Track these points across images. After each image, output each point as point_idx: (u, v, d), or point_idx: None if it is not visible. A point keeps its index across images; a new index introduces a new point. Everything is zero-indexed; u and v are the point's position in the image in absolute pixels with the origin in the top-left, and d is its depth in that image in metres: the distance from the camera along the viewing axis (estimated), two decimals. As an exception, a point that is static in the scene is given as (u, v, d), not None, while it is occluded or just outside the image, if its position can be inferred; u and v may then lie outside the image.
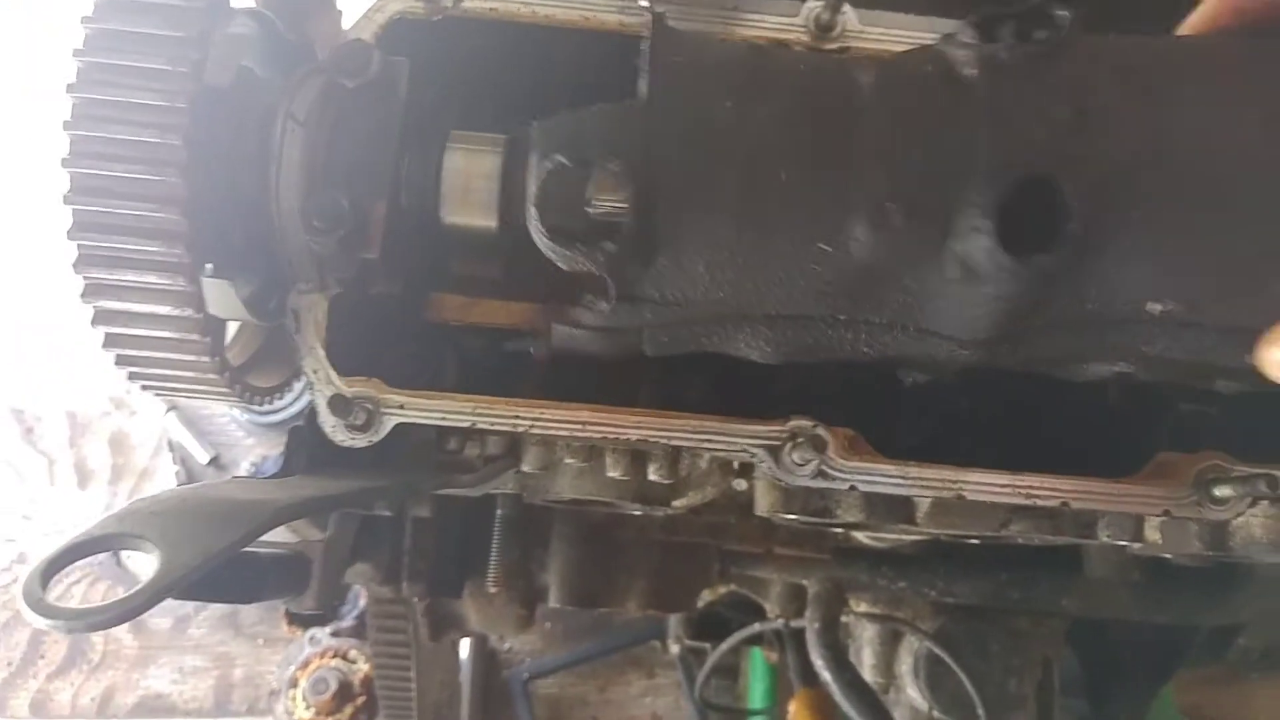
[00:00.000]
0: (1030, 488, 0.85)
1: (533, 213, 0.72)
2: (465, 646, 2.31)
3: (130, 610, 0.60)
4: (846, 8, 0.88)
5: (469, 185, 0.82)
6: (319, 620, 2.28)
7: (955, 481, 0.84)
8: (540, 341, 0.93)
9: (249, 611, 2.38)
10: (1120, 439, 0.95)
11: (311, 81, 0.80)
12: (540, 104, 0.99)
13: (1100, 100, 0.68)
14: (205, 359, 0.74)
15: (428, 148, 0.83)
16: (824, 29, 0.88)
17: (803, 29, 0.89)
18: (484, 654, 2.35)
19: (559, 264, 0.75)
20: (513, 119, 0.95)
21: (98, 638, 2.41)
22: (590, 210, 0.72)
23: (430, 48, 0.91)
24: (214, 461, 2.55)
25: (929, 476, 0.85)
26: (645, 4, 0.83)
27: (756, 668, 2.10)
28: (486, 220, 0.83)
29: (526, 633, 2.37)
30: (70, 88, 0.65)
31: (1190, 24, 0.78)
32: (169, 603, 0.62)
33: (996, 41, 0.68)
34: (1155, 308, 0.70)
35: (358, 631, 2.22)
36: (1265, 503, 0.92)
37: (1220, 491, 0.85)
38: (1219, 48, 0.75)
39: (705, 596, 1.76)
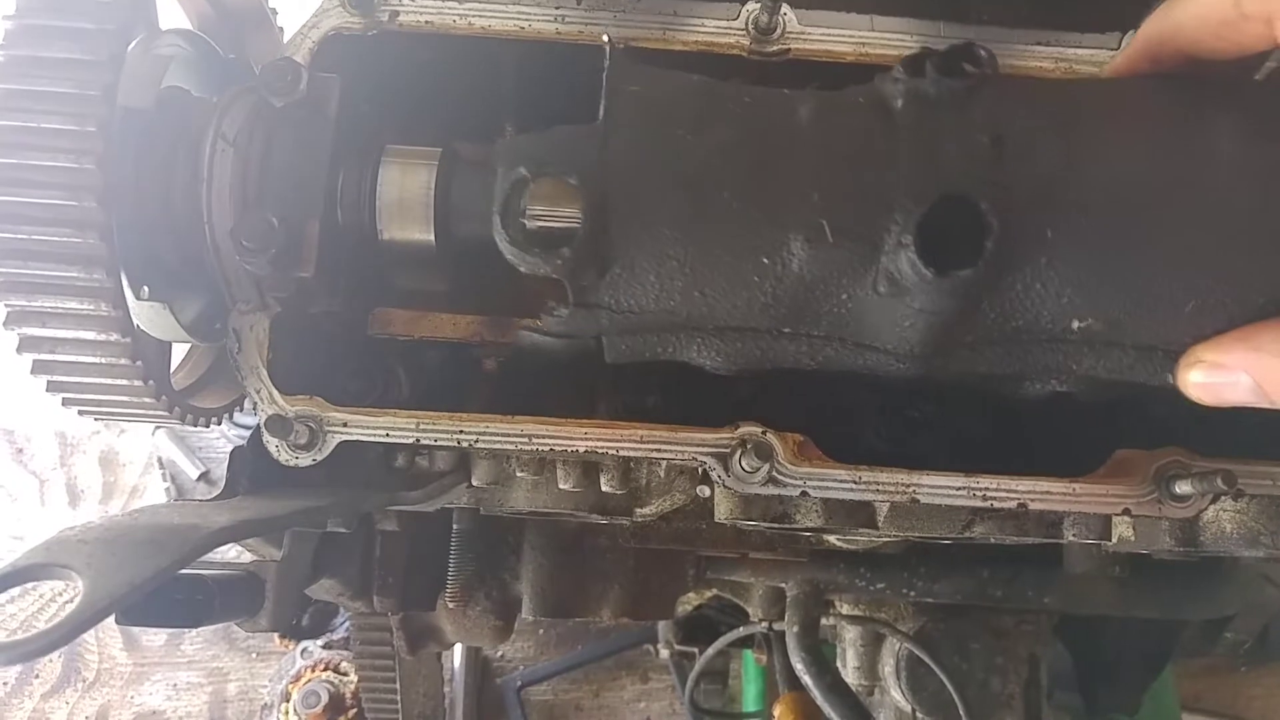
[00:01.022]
0: (986, 489, 0.84)
1: (496, 221, 0.76)
2: (458, 655, 2.30)
3: (52, 642, 0.59)
4: (785, 9, 0.87)
5: (404, 199, 0.81)
6: (311, 633, 2.28)
7: (908, 485, 0.83)
8: (489, 353, 0.93)
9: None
10: (1086, 435, 0.94)
11: (242, 101, 0.79)
12: (482, 116, 0.98)
13: (1016, 130, 0.73)
14: (138, 382, 0.73)
15: (363, 164, 0.82)
16: (763, 31, 0.87)
17: (741, 31, 0.88)
18: (477, 662, 2.34)
19: (519, 268, 0.77)
20: (455, 132, 0.94)
21: (92, 655, 2.41)
22: (533, 219, 0.76)
23: (368, 63, 0.90)
24: (204, 477, 2.54)
25: (882, 480, 0.83)
26: (606, 38, 0.85)
27: (748, 670, 2.09)
28: (424, 234, 0.82)
29: (517, 640, 2.36)
30: (-20, 116, 0.64)
31: (1111, 68, 0.86)
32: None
33: (923, 78, 0.73)
34: (1076, 325, 0.74)
35: (349, 643, 2.22)
36: (1233, 499, 0.91)
37: (1180, 488, 0.84)
38: (1128, 85, 0.81)
39: (691, 600, 1.76)
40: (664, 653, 2.07)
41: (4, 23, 0.66)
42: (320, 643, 2.23)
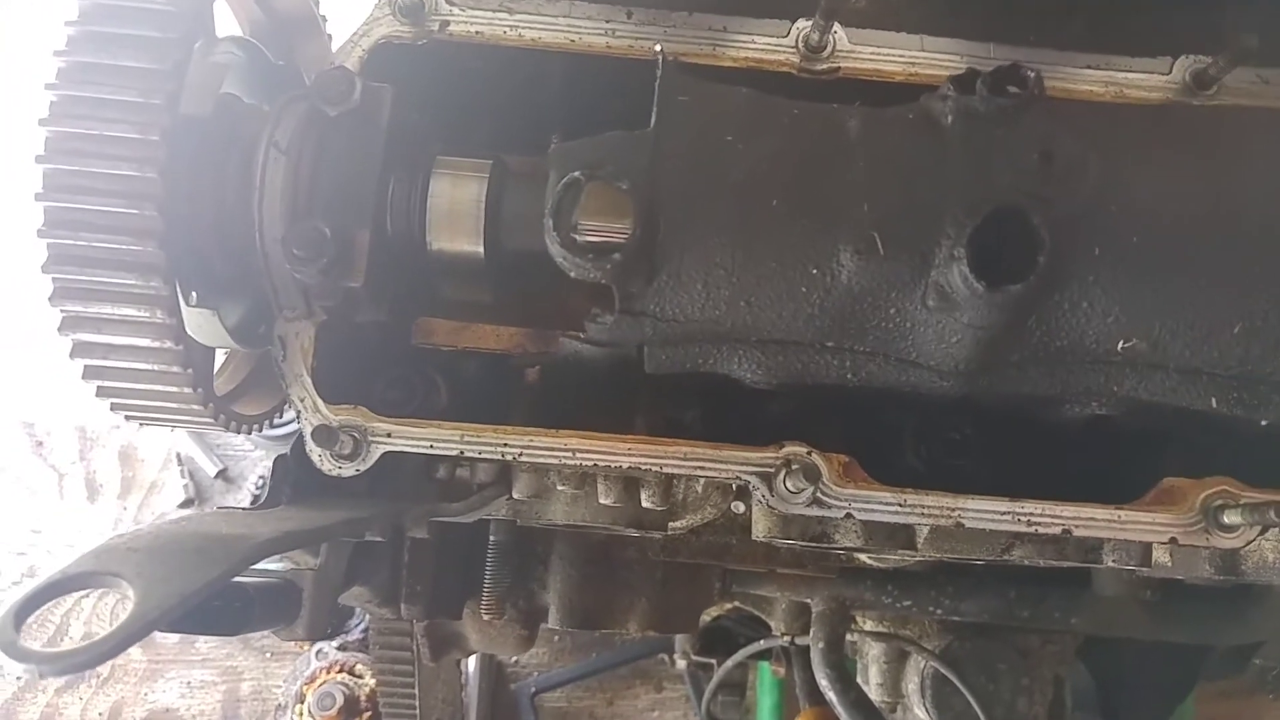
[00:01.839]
0: (1031, 515, 0.83)
1: (548, 223, 0.76)
2: (473, 661, 2.29)
3: (104, 653, 0.59)
4: (837, 27, 0.87)
5: (454, 210, 0.81)
6: (327, 635, 2.27)
7: (953, 509, 0.83)
8: (531, 363, 0.92)
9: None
10: (1128, 461, 0.93)
11: (295, 109, 0.79)
12: (529, 126, 0.98)
13: (1065, 148, 0.73)
14: (187, 389, 0.73)
15: (413, 174, 0.82)
16: (814, 50, 0.87)
17: (792, 49, 0.87)
18: (492, 668, 2.34)
19: (569, 272, 0.77)
20: (502, 142, 0.94)
21: (107, 651, 2.41)
22: (584, 234, 0.76)
23: (418, 72, 0.90)
24: (222, 474, 2.55)
25: (927, 504, 0.83)
26: (658, 49, 0.85)
27: (764, 682, 2.07)
28: (473, 245, 0.82)
29: (533, 645, 2.36)
30: (42, 121, 0.64)
31: None
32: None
33: (972, 95, 0.74)
34: (1120, 345, 0.74)
35: (365, 645, 2.21)
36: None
37: (1230, 519, 0.83)
38: (1175, 111, 0.82)
39: (711, 611, 1.75)
40: (681, 664, 2.06)
41: (66, 29, 0.66)
42: (335, 644, 2.23)
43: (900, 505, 0.82)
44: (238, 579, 0.85)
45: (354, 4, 0.94)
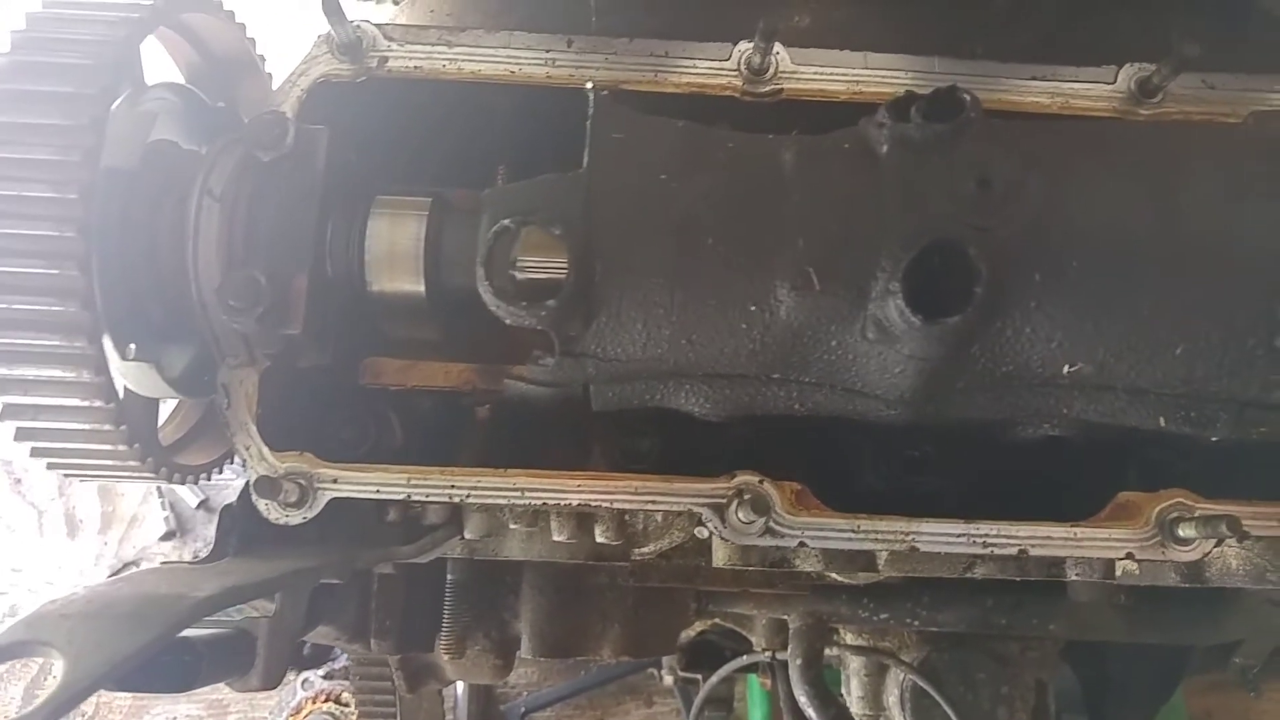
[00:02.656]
0: (986, 536, 0.83)
1: (480, 272, 0.75)
2: (461, 683, 2.28)
3: (35, 722, 0.58)
4: (779, 48, 0.86)
5: (394, 251, 0.81)
6: (312, 662, 2.26)
7: (907, 533, 0.82)
8: (481, 400, 0.91)
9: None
10: (1088, 474, 0.93)
11: (228, 155, 0.78)
12: (476, 160, 0.97)
13: (1003, 173, 0.72)
14: (122, 446, 0.72)
15: (352, 215, 0.81)
16: (756, 72, 0.86)
17: (734, 72, 0.87)
18: (481, 690, 2.32)
19: (504, 319, 0.76)
20: (449, 177, 0.93)
21: (92, 688, 2.39)
22: (523, 270, 0.76)
23: (358, 110, 0.89)
24: (203, 504, 2.53)
25: (881, 529, 0.82)
26: (589, 86, 0.84)
27: (754, 695, 2.07)
28: (414, 285, 0.81)
29: (521, 666, 2.34)
30: (-40, 184, 0.63)
31: None
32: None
33: (907, 122, 0.73)
34: (1066, 369, 0.74)
35: (350, 677, 2.20)
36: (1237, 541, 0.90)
37: (1184, 532, 0.82)
38: (1115, 129, 0.80)
39: (696, 626, 1.74)
40: (668, 678, 2.05)
41: (-16, 86, 0.65)
42: (321, 673, 2.21)
43: (854, 532, 0.81)
44: (185, 633, 0.84)
45: (296, 40, 0.93)
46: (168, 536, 2.49)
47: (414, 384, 0.90)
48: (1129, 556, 0.84)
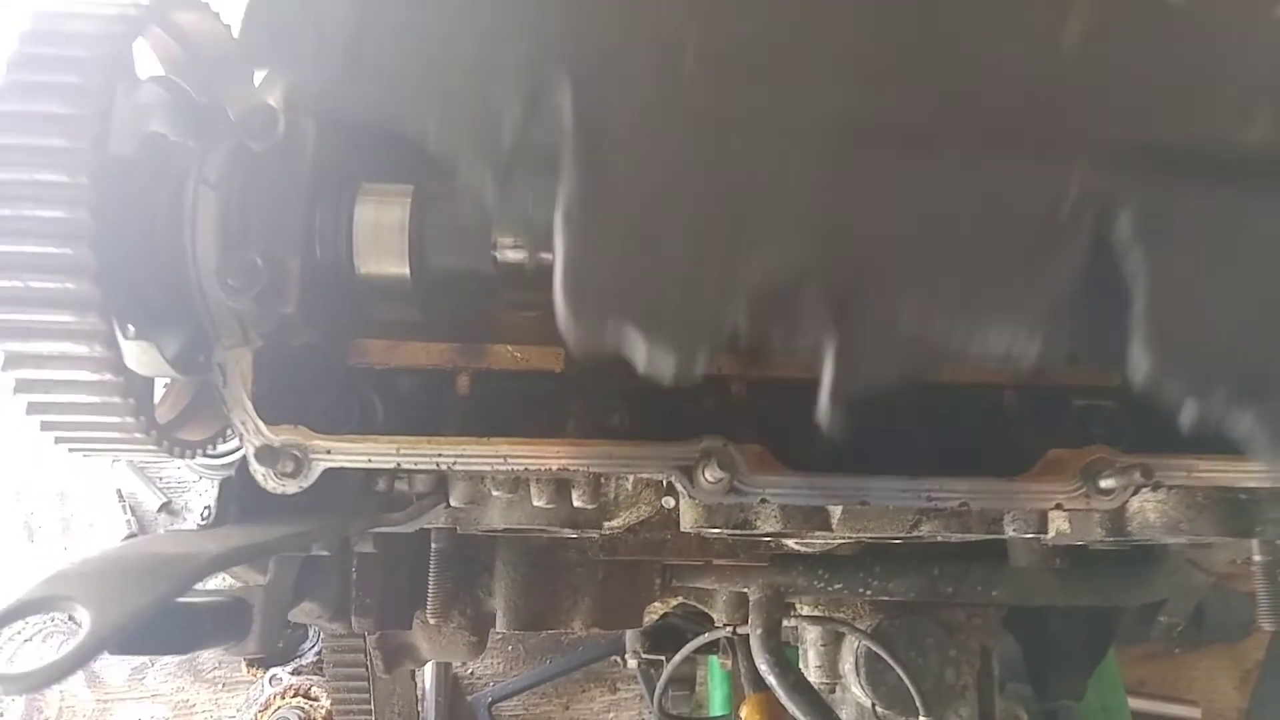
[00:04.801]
0: (930, 491, 0.91)
1: None
2: (428, 674, 2.32)
3: (61, 670, 0.62)
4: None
5: (379, 235, 0.86)
6: (280, 658, 2.28)
7: (859, 488, 0.90)
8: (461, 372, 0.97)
9: (207, 656, 2.36)
10: (1021, 437, 1.02)
11: (221, 145, 0.83)
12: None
13: None
14: (130, 419, 0.76)
15: (339, 201, 0.86)
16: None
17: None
18: (448, 680, 2.36)
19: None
20: (426, 168, 0.99)
21: (53, 694, 2.38)
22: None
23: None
24: (165, 507, 2.53)
25: (834, 485, 0.90)
26: None
27: (714, 675, 2.14)
28: (399, 268, 0.87)
29: (487, 656, 2.39)
30: (-27, 170, 0.67)
31: None
32: (123, 653, 0.64)
33: None
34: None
35: (319, 668, 2.22)
36: (1152, 490, 0.99)
37: (1105, 483, 0.91)
38: None
39: (658, 609, 1.81)
40: (632, 663, 2.11)
41: (-5, 80, 0.70)
42: (289, 669, 2.23)
43: (809, 488, 0.89)
44: (188, 599, 0.88)
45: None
46: (129, 539, 2.48)
47: (397, 363, 0.95)
48: (1058, 507, 0.92)
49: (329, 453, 0.86)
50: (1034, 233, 0.56)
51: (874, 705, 1.48)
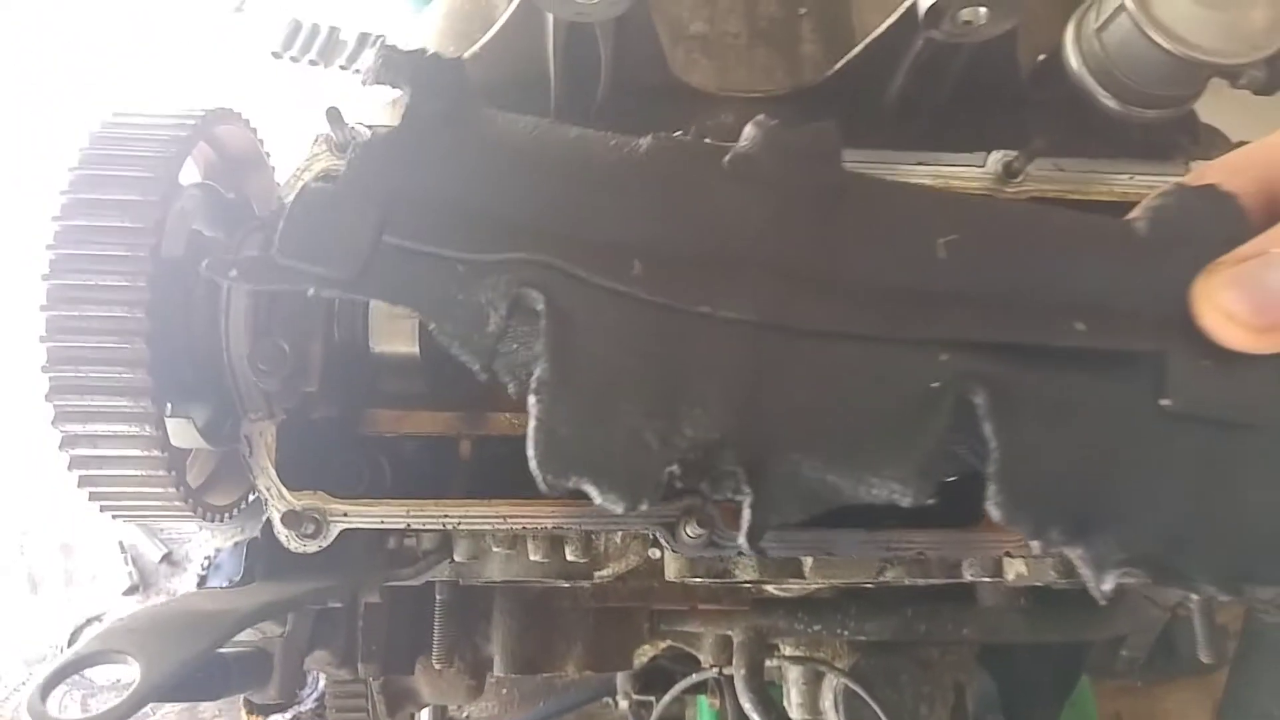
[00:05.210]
0: (889, 542, 1.00)
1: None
2: (426, 717, 2.37)
3: (118, 716, 0.71)
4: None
5: (393, 319, 0.96)
6: (279, 707, 2.33)
7: (825, 540, 0.99)
8: (465, 443, 1.07)
9: (208, 703, 2.41)
10: (974, 491, 1.12)
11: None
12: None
13: None
14: (171, 489, 0.85)
15: (356, 289, 0.96)
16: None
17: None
18: (444, 725, 2.42)
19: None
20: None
21: (55, 744, 2.41)
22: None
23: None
24: (166, 559, 2.59)
25: (802, 538, 0.99)
26: None
27: (703, 714, 2.20)
28: (409, 347, 0.97)
29: (482, 700, 2.45)
30: (44, 275, 0.77)
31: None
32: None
33: None
34: None
35: (318, 715, 2.28)
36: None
37: (1047, 531, 1.01)
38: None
39: (647, 652, 1.89)
40: (623, 704, 2.18)
41: (59, 196, 0.80)
42: (288, 716, 2.29)
43: (780, 541, 0.98)
44: (217, 650, 0.97)
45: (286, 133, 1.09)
46: (130, 591, 2.55)
47: (405, 430, 1.05)
48: (1007, 554, 1.02)
49: (345, 515, 0.95)
50: (908, 408, 0.69)
51: (853, 741, 1.56)
